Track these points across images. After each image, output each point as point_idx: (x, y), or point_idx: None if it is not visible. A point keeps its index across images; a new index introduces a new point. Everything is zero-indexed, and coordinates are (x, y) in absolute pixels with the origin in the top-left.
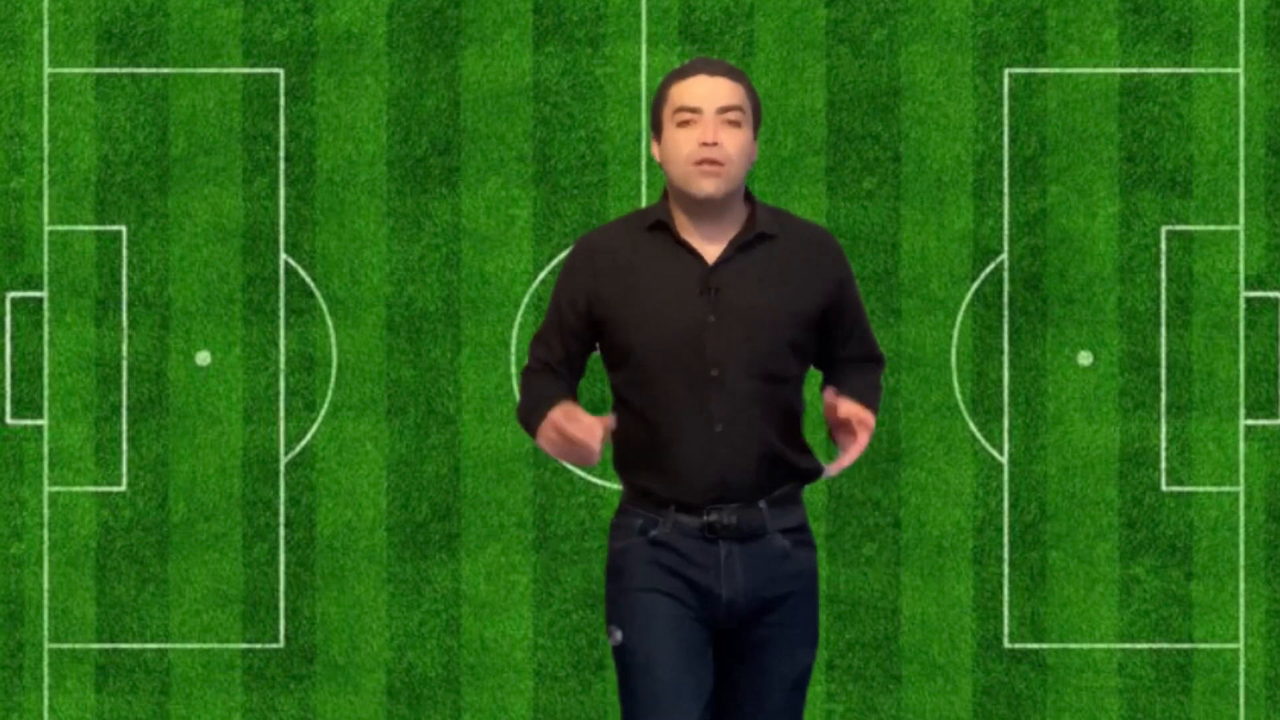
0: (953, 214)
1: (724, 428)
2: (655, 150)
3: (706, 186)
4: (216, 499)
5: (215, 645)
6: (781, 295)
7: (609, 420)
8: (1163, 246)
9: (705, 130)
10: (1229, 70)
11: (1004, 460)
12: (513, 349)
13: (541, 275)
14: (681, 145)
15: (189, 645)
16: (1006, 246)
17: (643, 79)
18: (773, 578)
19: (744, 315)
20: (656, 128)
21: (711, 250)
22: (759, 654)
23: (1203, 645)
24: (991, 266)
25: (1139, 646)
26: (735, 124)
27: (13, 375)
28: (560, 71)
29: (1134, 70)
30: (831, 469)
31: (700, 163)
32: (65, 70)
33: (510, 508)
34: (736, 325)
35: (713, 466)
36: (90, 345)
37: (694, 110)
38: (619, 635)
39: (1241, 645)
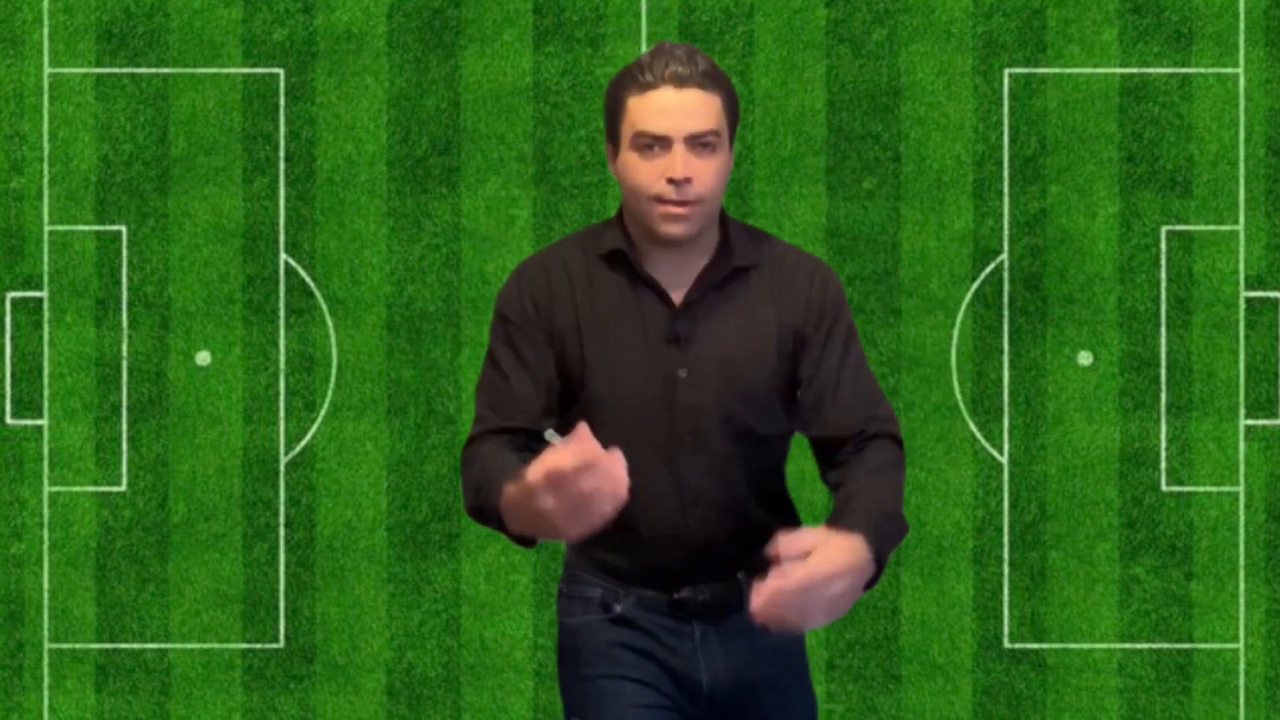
0: (953, 214)
1: (698, 498)
2: (611, 163)
3: (674, 231)
4: (216, 499)
5: (215, 645)
6: (761, 339)
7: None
8: (1163, 246)
9: (674, 165)
10: (1229, 70)
11: (1004, 460)
12: None
13: None
14: (642, 178)
15: (189, 645)
16: (1006, 246)
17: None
18: (755, 657)
19: (719, 367)
20: (613, 137)
21: (679, 286)
22: None
23: (1203, 645)
24: (991, 266)
25: (1139, 646)
26: (710, 148)
27: (13, 375)
28: (560, 71)
29: (1134, 70)
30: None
31: (666, 202)
32: (65, 70)
33: None
34: (711, 379)
35: (685, 542)
36: (90, 345)
37: (659, 139)
38: None
39: (1241, 645)
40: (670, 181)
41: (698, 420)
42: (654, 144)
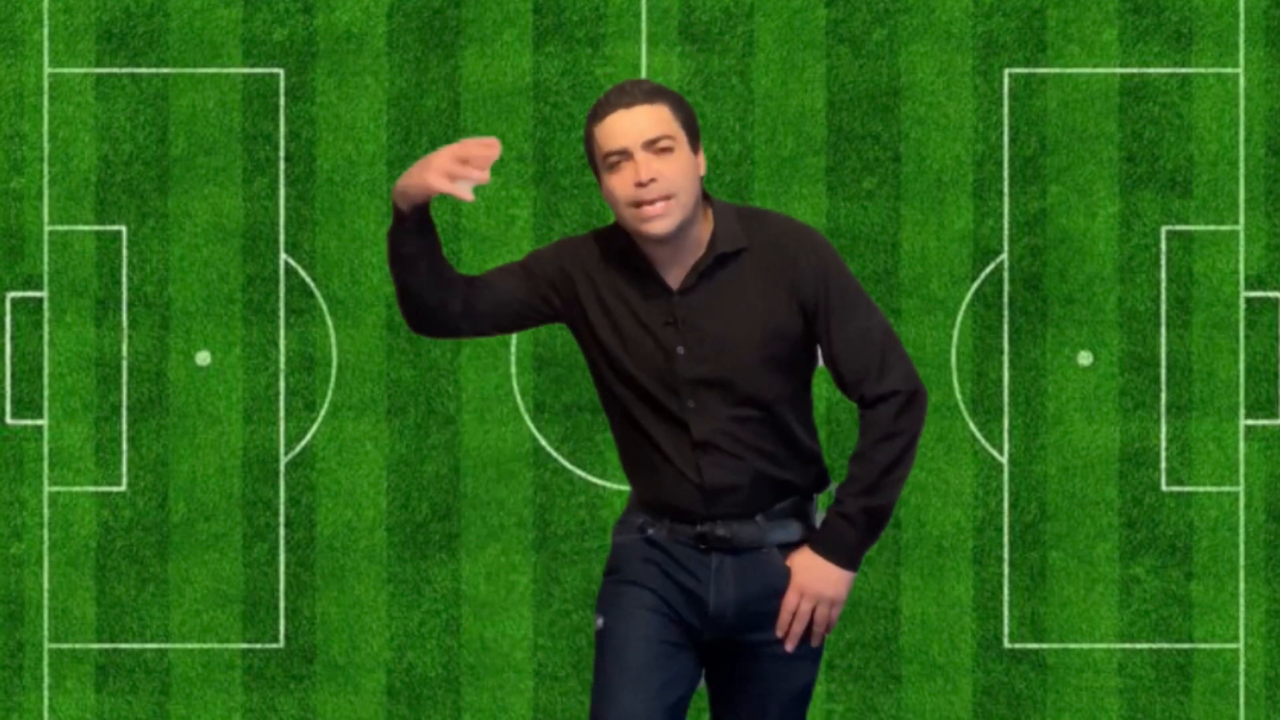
0: (953, 214)
1: (706, 454)
2: (603, 194)
3: (655, 229)
4: (216, 499)
5: (215, 645)
6: (750, 316)
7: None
8: (1163, 246)
9: (638, 170)
10: (1229, 70)
11: (1004, 460)
12: (513, 349)
13: None
14: (618, 190)
15: (189, 645)
16: (1006, 246)
17: (643, 79)
18: (765, 592)
19: (712, 344)
20: (595, 171)
21: (676, 274)
22: (757, 675)
23: (1203, 645)
24: (991, 266)
25: (1139, 646)
26: (668, 150)
27: (13, 375)
28: (560, 71)
29: (1134, 70)
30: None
31: (640, 205)
32: (65, 70)
33: (510, 508)
34: (706, 355)
35: (700, 489)
36: (90, 345)
37: (620, 153)
38: (600, 621)
39: (1241, 645)
40: (638, 185)
41: (696, 391)
42: (618, 160)
